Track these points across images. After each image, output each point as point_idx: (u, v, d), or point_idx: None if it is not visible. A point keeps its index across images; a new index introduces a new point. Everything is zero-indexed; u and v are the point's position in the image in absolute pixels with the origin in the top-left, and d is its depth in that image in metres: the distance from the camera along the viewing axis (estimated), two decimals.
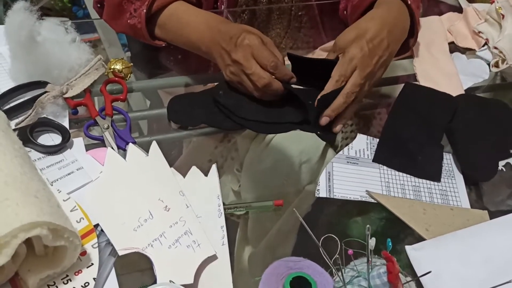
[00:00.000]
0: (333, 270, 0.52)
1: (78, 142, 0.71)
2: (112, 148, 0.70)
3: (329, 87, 0.72)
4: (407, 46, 0.86)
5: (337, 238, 0.56)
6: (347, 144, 0.79)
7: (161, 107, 0.84)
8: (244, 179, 0.77)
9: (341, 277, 0.51)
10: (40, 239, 0.51)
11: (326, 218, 0.72)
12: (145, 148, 0.70)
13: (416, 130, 0.79)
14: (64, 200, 0.61)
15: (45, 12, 1.57)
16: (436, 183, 0.74)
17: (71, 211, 0.60)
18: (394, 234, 0.68)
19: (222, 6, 0.93)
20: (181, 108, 0.79)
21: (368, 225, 0.48)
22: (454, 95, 0.86)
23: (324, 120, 0.74)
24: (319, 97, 0.73)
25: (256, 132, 0.79)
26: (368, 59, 0.72)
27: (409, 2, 0.80)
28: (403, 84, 0.87)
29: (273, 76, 0.73)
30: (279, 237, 0.69)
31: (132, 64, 0.83)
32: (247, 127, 0.77)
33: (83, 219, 0.60)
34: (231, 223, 0.68)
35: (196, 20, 0.78)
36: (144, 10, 0.78)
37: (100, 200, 0.63)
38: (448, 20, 1.05)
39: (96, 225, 0.61)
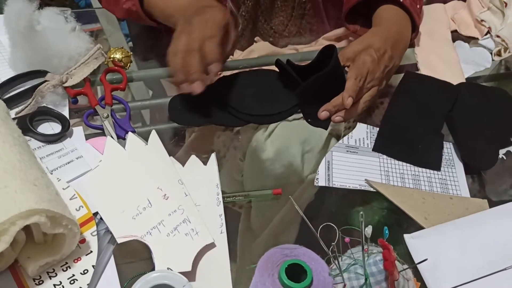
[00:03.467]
0: (331, 257, 0.52)
1: (78, 131, 0.72)
2: (112, 137, 0.70)
3: (350, 86, 0.72)
4: None
5: (335, 227, 0.57)
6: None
7: (163, 97, 0.84)
8: (247, 169, 0.76)
9: (338, 265, 0.51)
10: (38, 227, 0.51)
11: (328, 207, 0.72)
12: (147, 137, 0.70)
13: (416, 119, 0.78)
14: (63, 189, 0.61)
15: (47, 2, 1.56)
16: (436, 172, 0.74)
17: (70, 199, 0.61)
18: (393, 222, 0.68)
19: None
20: (182, 107, 0.78)
21: (361, 212, 0.48)
22: (455, 83, 0.85)
23: (324, 114, 0.74)
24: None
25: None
26: (377, 66, 0.75)
27: (406, 5, 0.82)
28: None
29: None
30: (282, 226, 0.69)
31: (132, 53, 0.83)
32: (252, 122, 0.77)
33: (82, 207, 0.60)
34: (234, 213, 0.68)
35: None
36: None
37: (99, 188, 0.64)
38: (452, 8, 1.03)
39: (95, 213, 0.61)
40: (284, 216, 0.69)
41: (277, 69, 0.81)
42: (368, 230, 0.50)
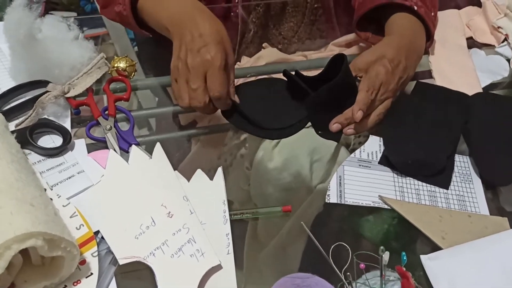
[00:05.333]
0: (345, 285, 0.49)
1: (80, 143, 0.69)
2: (114, 150, 0.68)
3: (361, 99, 0.70)
4: None
5: (348, 248, 0.54)
6: (359, 143, 0.76)
7: (169, 105, 0.82)
8: (254, 178, 0.75)
9: None
10: (36, 249, 0.49)
11: (338, 219, 0.69)
12: (153, 147, 0.68)
13: (427, 132, 0.75)
14: (63, 206, 0.59)
15: (52, 6, 1.54)
16: (452, 187, 0.70)
17: (70, 217, 0.58)
18: (409, 242, 0.65)
19: (236, 0, 0.91)
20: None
21: (381, 247, 0.45)
22: (471, 93, 0.82)
23: (335, 127, 0.72)
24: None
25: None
26: (391, 77, 0.72)
27: (421, 13, 0.79)
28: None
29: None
30: (290, 237, 0.67)
31: (136, 62, 0.81)
32: (261, 136, 0.75)
33: (83, 225, 0.58)
34: (240, 222, 0.66)
35: (171, 2, 0.74)
36: None
37: (101, 205, 0.61)
38: (467, 15, 1.00)
39: (97, 232, 0.58)
40: (292, 227, 0.67)
41: (284, 78, 0.78)
42: (385, 257, 0.46)
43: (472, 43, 0.96)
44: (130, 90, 0.77)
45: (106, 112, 0.73)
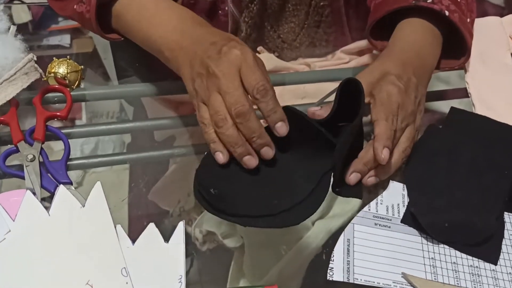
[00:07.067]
0: None
1: None
2: (33, 191, 0.49)
3: (382, 132, 0.54)
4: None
5: None
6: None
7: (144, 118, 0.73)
8: None
9: None
10: None
11: None
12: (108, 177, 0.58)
13: (466, 180, 0.58)
14: None
15: None
16: (502, 262, 0.52)
17: None
18: None
19: None
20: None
21: None
22: None
23: (354, 177, 0.55)
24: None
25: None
26: (406, 96, 0.58)
27: (454, 20, 0.65)
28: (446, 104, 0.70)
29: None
30: (282, 279, 0.58)
31: (82, 67, 0.63)
32: (258, 226, 0.50)
33: None
34: (224, 253, 0.61)
35: (164, 15, 0.61)
36: None
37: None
38: (510, 24, 0.84)
39: None
40: (286, 266, 0.59)
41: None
42: None
43: None
44: (70, 104, 0.59)
45: (32, 135, 0.54)
